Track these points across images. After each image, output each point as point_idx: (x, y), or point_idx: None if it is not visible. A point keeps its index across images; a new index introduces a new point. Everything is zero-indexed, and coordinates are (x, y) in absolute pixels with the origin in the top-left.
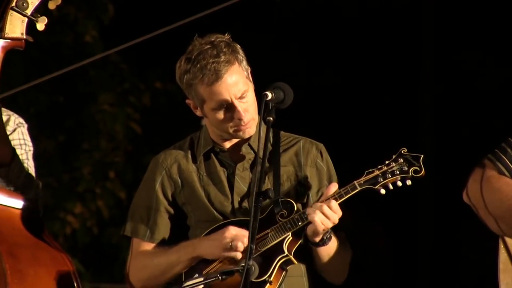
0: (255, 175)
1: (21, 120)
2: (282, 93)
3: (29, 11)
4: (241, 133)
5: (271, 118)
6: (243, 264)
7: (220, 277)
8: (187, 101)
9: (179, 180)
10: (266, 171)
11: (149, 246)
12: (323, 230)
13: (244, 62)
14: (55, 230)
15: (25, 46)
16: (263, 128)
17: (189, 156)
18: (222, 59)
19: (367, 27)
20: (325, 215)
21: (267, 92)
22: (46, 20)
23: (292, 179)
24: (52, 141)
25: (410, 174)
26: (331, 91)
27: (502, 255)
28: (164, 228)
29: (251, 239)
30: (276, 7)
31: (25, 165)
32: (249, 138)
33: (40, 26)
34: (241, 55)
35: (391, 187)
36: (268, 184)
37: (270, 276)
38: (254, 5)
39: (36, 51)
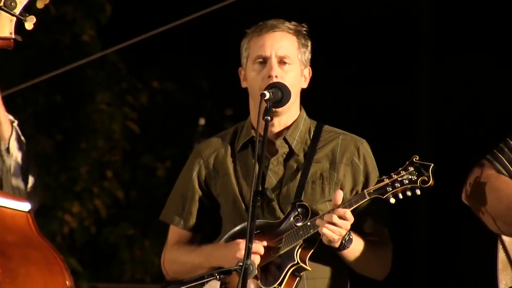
0: (281, 169)
1: (11, 118)
2: (280, 92)
3: (17, 11)
4: None
5: (269, 118)
6: (241, 264)
7: (218, 276)
8: (239, 69)
9: (215, 170)
10: (299, 167)
11: (183, 234)
12: (337, 239)
13: (304, 50)
14: (53, 229)
15: (14, 45)
16: (262, 126)
17: (229, 146)
18: (283, 24)
19: (366, 26)
20: (336, 225)
21: (265, 92)
22: (35, 20)
23: (325, 176)
24: (49, 141)
25: (418, 184)
26: (330, 91)
27: (501, 254)
28: (198, 217)
29: (249, 238)
30: (274, 6)
31: None
32: (285, 131)
33: (29, 25)
34: (304, 41)
35: (400, 196)
36: (297, 181)
37: (280, 284)
38: (252, 5)
39: (34, 51)
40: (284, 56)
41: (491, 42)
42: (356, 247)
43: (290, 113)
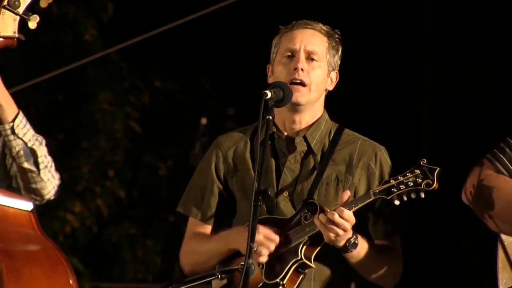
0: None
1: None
2: (281, 92)
3: (21, 10)
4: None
5: (270, 117)
6: (243, 263)
7: (219, 276)
8: (267, 66)
9: (233, 165)
10: (316, 167)
11: (201, 226)
12: (334, 237)
13: (334, 53)
14: (55, 229)
15: (18, 44)
16: (263, 124)
17: (249, 140)
18: (317, 24)
19: (367, 25)
20: (335, 223)
21: (267, 91)
22: (38, 19)
23: (340, 179)
24: (51, 140)
25: (422, 187)
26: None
27: (501, 254)
28: (216, 209)
29: (251, 238)
30: (275, 5)
31: None
32: (306, 130)
33: (32, 24)
34: (335, 44)
35: (405, 198)
36: (312, 181)
37: (283, 279)
38: (253, 5)
39: (36, 50)
40: (313, 52)
41: (493, 42)
42: (361, 252)
43: (313, 112)
